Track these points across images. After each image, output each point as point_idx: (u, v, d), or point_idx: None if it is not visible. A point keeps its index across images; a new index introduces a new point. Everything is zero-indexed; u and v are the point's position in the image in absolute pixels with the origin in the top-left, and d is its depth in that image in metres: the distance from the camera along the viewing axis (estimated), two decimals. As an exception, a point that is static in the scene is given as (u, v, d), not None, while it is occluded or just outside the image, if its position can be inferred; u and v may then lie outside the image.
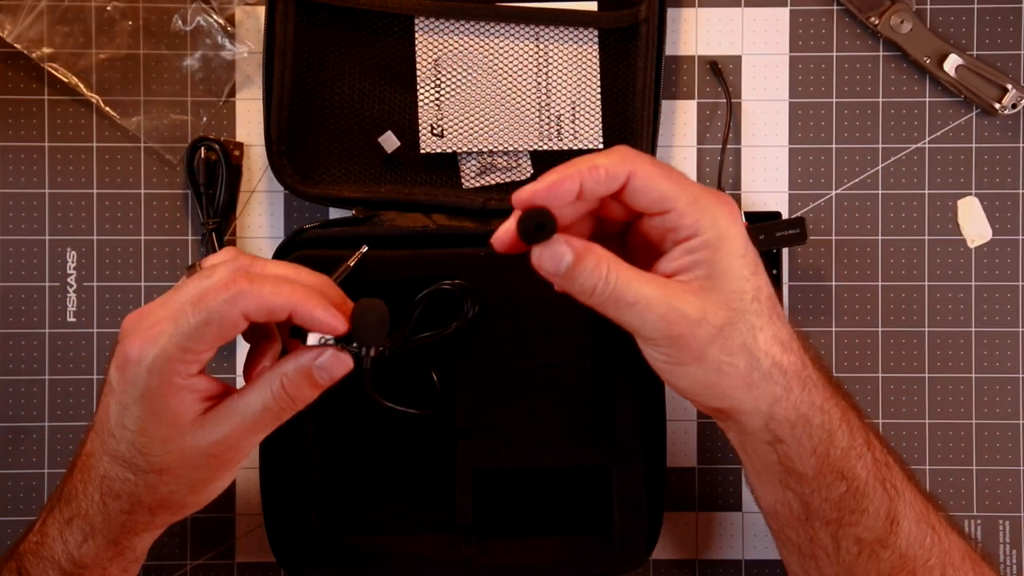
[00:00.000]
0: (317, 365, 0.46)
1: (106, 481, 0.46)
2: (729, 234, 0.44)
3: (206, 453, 0.46)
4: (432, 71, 0.60)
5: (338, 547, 0.57)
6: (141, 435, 0.45)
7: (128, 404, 0.44)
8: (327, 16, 0.59)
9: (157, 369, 0.43)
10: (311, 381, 0.46)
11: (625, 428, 0.57)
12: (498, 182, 0.61)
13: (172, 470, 0.46)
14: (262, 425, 0.46)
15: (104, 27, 0.61)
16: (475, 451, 0.57)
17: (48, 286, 0.62)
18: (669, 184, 0.44)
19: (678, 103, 0.62)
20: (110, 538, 0.47)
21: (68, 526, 0.47)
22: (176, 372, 0.44)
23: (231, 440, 0.46)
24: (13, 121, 0.61)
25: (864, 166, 0.62)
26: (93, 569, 0.48)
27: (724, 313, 0.44)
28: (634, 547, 0.56)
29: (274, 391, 0.46)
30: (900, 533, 0.46)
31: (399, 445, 0.58)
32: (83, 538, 0.47)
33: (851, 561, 0.47)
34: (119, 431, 0.45)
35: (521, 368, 0.57)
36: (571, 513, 0.58)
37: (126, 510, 0.47)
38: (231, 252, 0.48)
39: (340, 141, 0.60)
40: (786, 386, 0.45)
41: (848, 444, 0.46)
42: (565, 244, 0.43)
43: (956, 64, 0.61)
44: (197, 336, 0.43)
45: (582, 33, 0.60)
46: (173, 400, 0.44)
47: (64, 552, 0.47)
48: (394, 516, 0.58)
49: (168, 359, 0.43)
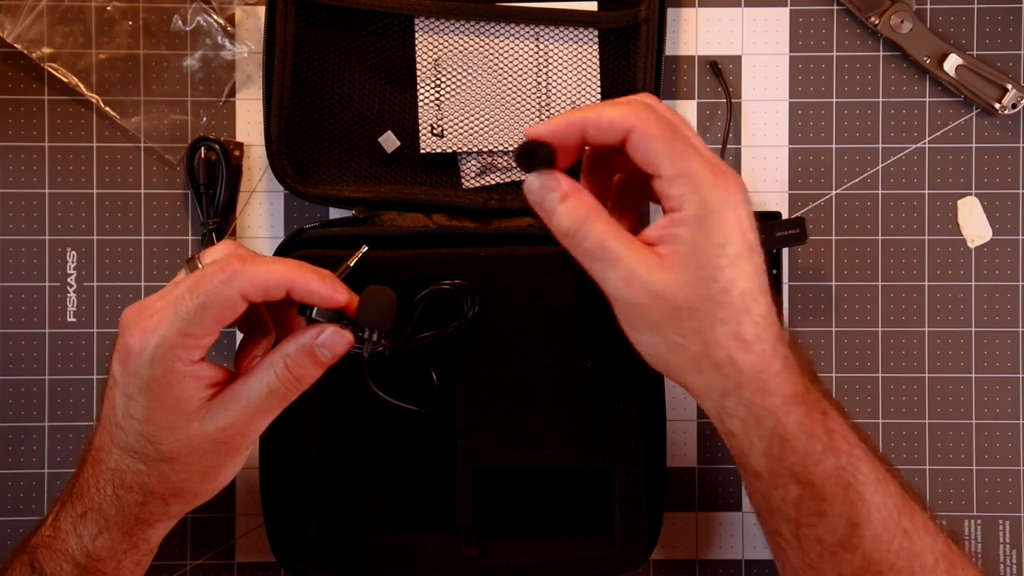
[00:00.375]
0: (319, 343, 0.46)
1: (117, 474, 0.46)
2: (715, 217, 0.43)
3: (214, 439, 0.46)
4: (432, 71, 0.60)
5: (338, 548, 0.57)
6: (148, 424, 0.45)
7: (133, 395, 0.45)
8: (327, 16, 0.59)
9: (159, 358, 0.44)
10: (313, 359, 0.46)
11: (624, 428, 0.57)
12: (498, 182, 0.61)
13: (182, 458, 0.46)
14: (268, 407, 0.46)
15: (104, 27, 0.61)
16: (475, 451, 0.57)
17: (48, 286, 0.62)
18: (663, 147, 0.43)
19: (678, 103, 0.62)
20: (124, 530, 0.47)
21: (82, 519, 0.47)
22: (178, 359, 0.44)
23: (238, 425, 0.46)
24: (13, 121, 0.62)
25: (864, 166, 0.62)
26: (107, 562, 0.48)
27: (684, 296, 0.44)
28: (634, 548, 0.56)
29: (278, 372, 0.46)
30: (863, 536, 0.45)
31: (399, 446, 0.58)
32: (97, 531, 0.47)
33: (814, 557, 0.46)
34: (127, 422, 0.45)
35: (520, 368, 0.57)
36: (571, 513, 0.58)
37: (139, 501, 0.47)
38: (230, 244, 0.48)
39: (340, 141, 0.60)
40: (738, 382, 0.45)
41: (805, 450, 0.45)
42: (555, 180, 0.44)
43: (956, 64, 0.61)
44: (196, 320, 0.43)
45: (582, 33, 0.60)
46: (177, 388, 0.44)
47: (78, 545, 0.47)
48: (394, 517, 0.58)
49: (170, 346, 0.44)
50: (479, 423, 0.57)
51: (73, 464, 0.59)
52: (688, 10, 0.62)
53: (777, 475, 0.45)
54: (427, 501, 0.58)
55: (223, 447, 0.46)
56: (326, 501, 0.58)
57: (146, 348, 0.44)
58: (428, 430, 0.58)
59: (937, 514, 0.62)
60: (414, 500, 0.58)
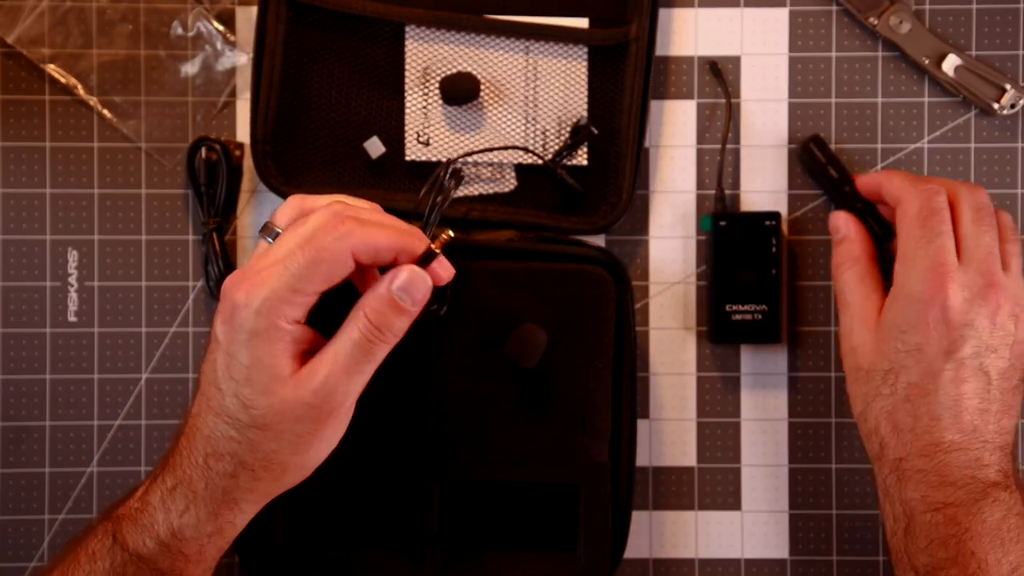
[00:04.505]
0: (396, 288, 0.46)
1: (211, 441, 0.46)
2: (912, 304, 0.50)
3: (305, 403, 0.46)
4: (420, 79, 0.60)
5: (304, 557, 0.57)
6: (246, 385, 0.45)
7: (234, 352, 0.45)
8: (319, 19, 0.59)
9: (266, 310, 0.44)
10: (393, 305, 0.47)
11: (594, 446, 0.57)
12: (481, 193, 0.61)
13: (273, 425, 0.46)
14: (354, 366, 0.46)
15: (104, 28, 0.61)
16: (443, 463, 0.56)
17: (49, 286, 0.62)
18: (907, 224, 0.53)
19: (678, 103, 0.62)
20: (211, 509, 0.47)
21: (171, 494, 0.47)
22: (283, 315, 0.45)
23: (328, 386, 0.46)
24: (15, 121, 0.62)
25: (863, 166, 0.62)
26: (191, 543, 0.47)
27: (869, 360, 0.51)
28: (597, 566, 0.56)
29: (360, 326, 0.46)
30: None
31: (367, 456, 0.57)
32: (185, 506, 0.47)
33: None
34: (226, 383, 0.46)
35: (492, 382, 0.56)
36: (537, 529, 0.58)
37: (229, 472, 0.46)
38: (298, 200, 0.49)
39: (325, 144, 0.60)
40: (876, 456, 0.52)
41: (905, 540, 0.50)
42: (843, 221, 0.57)
43: (955, 64, 0.61)
44: (307, 276, 0.44)
45: (572, 49, 0.60)
46: (276, 346, 0.45)
47: (165, 521, 0.47)
48: (360, 527, 0.58)
49: (278, 300, 0.44)
50: (448, 436, 0.56)
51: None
52: (687, 10, 0.62)
53: (898, 552, 0.51)
54: (394, 513, 0.57)
55: (313, 412, 0.46)
56: (292, 509, 0.57)
57: (253, 300, 0.44)
58: (397, 442, 0.57)
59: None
60: (381, 511, 0.58)
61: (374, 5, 0.59)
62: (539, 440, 0.57)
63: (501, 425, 0.56)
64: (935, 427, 0.49)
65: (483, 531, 0.58)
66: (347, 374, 0.46)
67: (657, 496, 0.62)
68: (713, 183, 0.62)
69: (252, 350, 0.45)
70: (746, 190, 0.62)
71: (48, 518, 0.61)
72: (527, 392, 0.56)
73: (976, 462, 0.49)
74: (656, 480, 0.62)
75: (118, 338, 0.62)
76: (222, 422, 0.46)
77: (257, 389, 0.45)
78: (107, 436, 0.61)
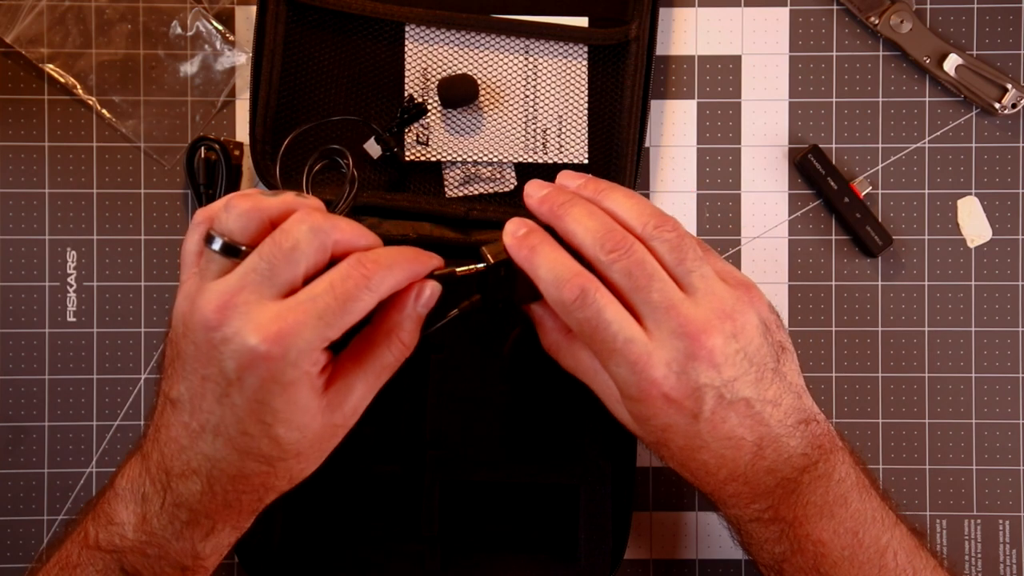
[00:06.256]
0: (421, 307, 0.48)
1: (239, 479, 0.45)
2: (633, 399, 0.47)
3: (334, 425, 0.46)
4: (420, 79, 0.60)
5: (303, 557, 0.57)
6: (281, 426, 0.44)
7: (266, 399, 0.43)
8: (318, 18, 0.59)
9: (302, 361, 0.43)
10: (417, 321, 0.48)
11: (593, 447, 0.56)
12: (481, 192, 0.61)
13: (306, 452, 0.46)
14: (382, 382, 0.48)
15: (103, 28, 0.61)
16: (444, 464, 0.56)
17: (48, 286, 0.62)
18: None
19: (678, 103, 0.62)
20: (234, 525, 0.48)
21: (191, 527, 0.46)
22: (315, 361, 0.44)
23: (359, 409, 0.47)
24: (13, 121, 0.62)
25: (864, 166, 0.62)
26: (213, 558, 0.48)
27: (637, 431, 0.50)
28: (597, 567, 0.56)
29: (395, 351, 0.47)
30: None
31: (368, 456, 0.57)
32: (206, 534, 0.47)
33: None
34: (255, 426, 0.44)
35: (492, 383, 0.56)
36: (537, 531, 0.58)
37: (258, 497, 0.47)
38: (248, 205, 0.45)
39: (325, 144, 0.60)
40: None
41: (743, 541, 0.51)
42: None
43: (956, 64, 0.61)
44: (338, 325, 0.44)
45: (572, 49, 0.60)
46: (310, 387, 0.45)
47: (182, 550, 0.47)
48: (360, 527, 0.58)
49: (311, 348, 0.43)
50: (449, 436, 0.56)
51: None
52: (687, 10, 0.62)
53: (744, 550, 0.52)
54: (394, 513, 0.58)
55: (340, 430, 0.47)
56: (292, 509, 0.57)
57: (289, 352, 0.43)
58: (397, 441, 0.57)
59: (936, 514, 0.62)
60: (380, 511, 0.58)
61: (374, 5, 0.59)
62: (539, 441, 0.57)
63: (501, 426, 0.56)
64: (724, 465, 0.47)
65: (483, 532, 0.58)
66: (373, 391, 0.47)
67: (657, 497, 0.62)
68: (713, 183, 0.62)
69: (288, 395, 0.44)
70: (746, 190, 0.62)
71: (47, 519, 0.61)
72: (527, 392, 0.56)
73: (778, 461, 0.47)
74: (656, 481, 0.62)
75: (117, 338, 0.62)
76: (252, 461, 0.45)
77: (293, 427, 0.45)
78: (106, 436, 0.61)
